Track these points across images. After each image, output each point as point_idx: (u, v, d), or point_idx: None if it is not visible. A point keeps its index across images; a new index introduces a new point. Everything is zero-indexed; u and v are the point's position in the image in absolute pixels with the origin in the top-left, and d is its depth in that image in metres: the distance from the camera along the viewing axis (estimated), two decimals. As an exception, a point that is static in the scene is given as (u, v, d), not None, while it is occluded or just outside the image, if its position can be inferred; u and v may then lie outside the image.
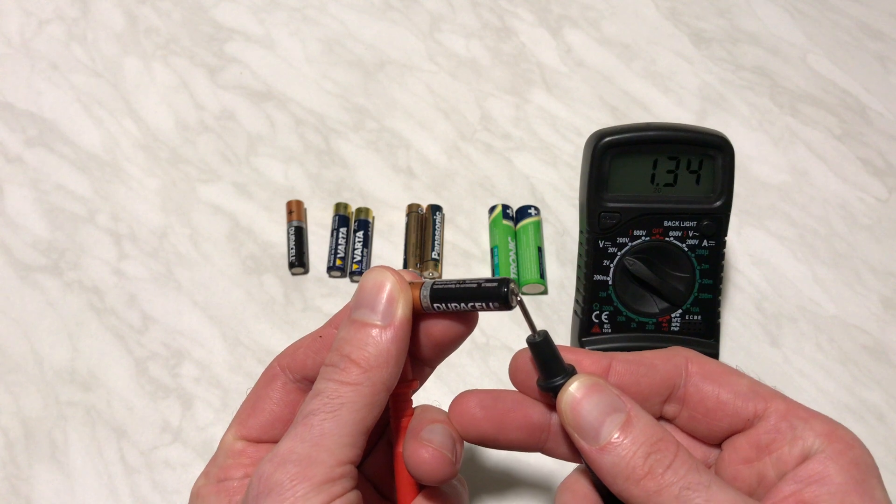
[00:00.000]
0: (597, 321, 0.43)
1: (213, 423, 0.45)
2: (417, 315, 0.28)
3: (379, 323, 0.27)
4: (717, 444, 0.28)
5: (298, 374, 0.30)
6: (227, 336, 0.48)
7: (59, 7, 0.63)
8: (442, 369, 0.47)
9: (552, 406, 0.28)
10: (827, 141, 0.57)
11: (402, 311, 0.27)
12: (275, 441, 0.29)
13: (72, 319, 0.48)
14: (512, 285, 0.26)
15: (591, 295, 0.43)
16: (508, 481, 0.44)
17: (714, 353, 0.43)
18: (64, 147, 0.56)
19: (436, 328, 0.29)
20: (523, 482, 0.44)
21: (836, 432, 0.25)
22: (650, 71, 0.60)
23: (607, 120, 0.58)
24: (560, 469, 0.44)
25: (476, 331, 0.48)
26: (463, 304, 0.27)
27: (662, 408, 0.28)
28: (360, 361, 0.26)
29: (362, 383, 0.26)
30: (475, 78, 0.60)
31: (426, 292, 0.27)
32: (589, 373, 0.27)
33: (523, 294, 0.50)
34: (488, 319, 0.49)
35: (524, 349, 0.28)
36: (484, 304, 0.27)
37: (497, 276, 0.27)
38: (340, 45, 0.61)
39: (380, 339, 0.27)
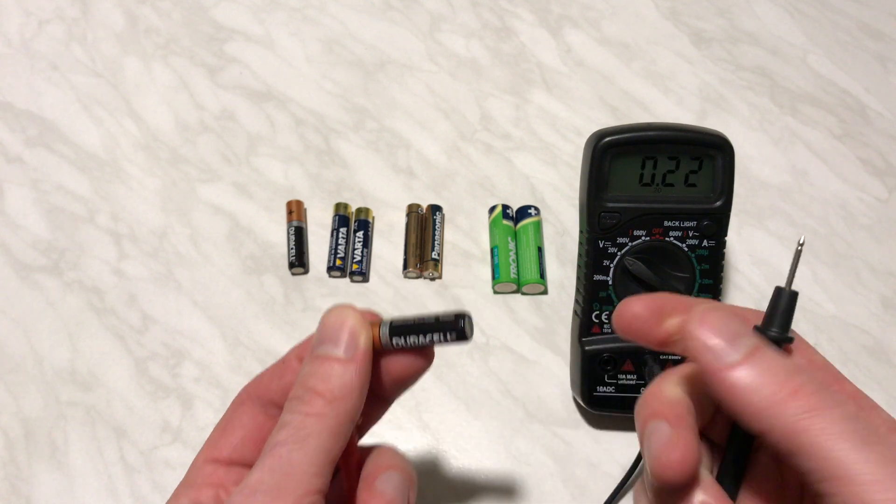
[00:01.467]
0: (597, 321, 0.43)
1: (213, 423, 0.45)
2: (377, 352, 0.29)
3: (342, 356, 0.28)
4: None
5: (264, 398, 0.31)
6: (227, 336, 0.48)
7: (59, 7, 0.63)
8: (442, 369, 0.47)
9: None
10: (827, 141, 0.57)
11: (363, 344, 0.28)
12: (244, 463, 0.30)
13: (72, 319, 0.48)
14: (468, 318, 0.28)
15: (591, 295, 0.43)
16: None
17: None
18: (64, 147, 0.56)
19: (395, 364, 0.30)
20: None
21: None
22: (650, 71, 0.60)
23: (607, 120, 0.58)
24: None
25: (476, 331, 0.48)
26: (421, 338, 0.29)
27: None
28: (325, 393, 0.27)
29: (327, 414, 0.27)
30: (475, 78, 0.60)
31: (385, 329, 0.29)
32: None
33: (523, 294, 0.50)
34: (485, 316, 0.49)
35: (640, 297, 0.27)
36: (441, 337, 0.28)
37: (454, 310, 0.29)
38: (340, 45, 0.61)
39: (343, 371, 0.28)
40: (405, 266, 0.50)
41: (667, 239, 0.42)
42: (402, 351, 0.29)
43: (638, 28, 0.63)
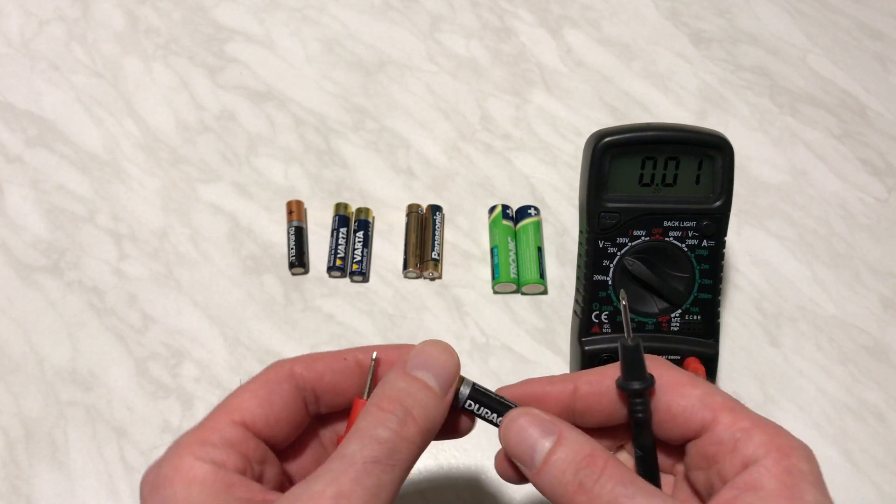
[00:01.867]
0: (596, 321, 0.43)
1: (213, 422, 0.45)
2: None
3: (438, 391, 0.28)
4: (682, 448, 0.29)
5: (310, 385, 0.30)
6: (227, 336, 0.48)
7: (59, 7, 0.63)
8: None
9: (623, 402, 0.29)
10: (826, 141, 0.57)
11: (453, 391, 0.28)
12: (272, 443, 0.28)
13: (72, 319, 0.48)
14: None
15: (590, 295, 0.43)
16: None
17: (713, 352, 0.43)
18: (64, 147, 0.56)
19: (450, 421, 0.30)
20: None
21: (775, 441, 0.26)
22: (650, 71, 0.60)
23: (607, 120, 0.58)
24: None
25: (476, 331, 0.48)
26: (490, 415, 0.29)
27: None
28: (421, 421, 0.27)
29: (418, 444, 0.27)
30: (475, 78, 0.60)
31: (465, 389, 0.29)
32: (554, 397, 0.30)
33: (523, 294, 0.50)
34: (485, 316, 0.49)
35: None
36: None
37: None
38: (340, 45, 0.61)
39: (437, 406, 0.28)
40: (405, 266, 0.50)
41: (666, 239, 0.42)
42: (463, 412, 0.30)
43: (638, 28, 0.63)
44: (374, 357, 0.30)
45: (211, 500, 0.25)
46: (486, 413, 0.29)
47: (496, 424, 0.29)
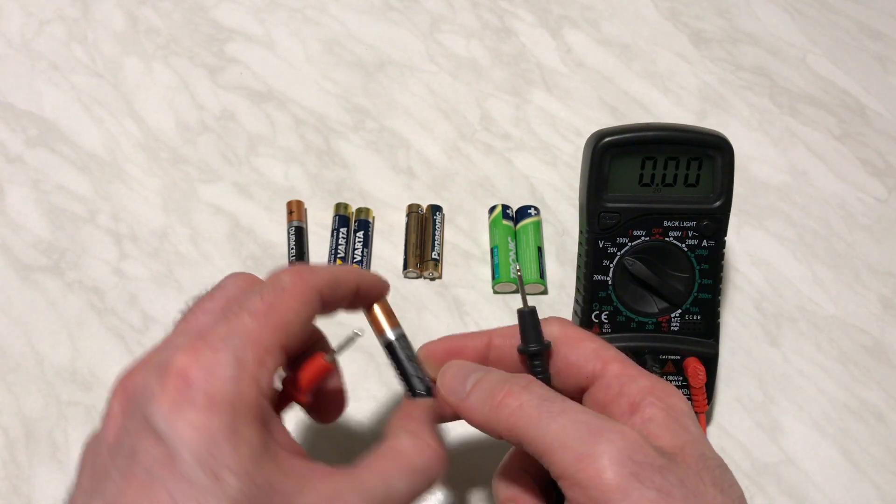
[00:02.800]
0: (596, 321, 0.43)
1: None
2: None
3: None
4: (579, 399, 0.32)
5: (326, 308, 0.31)
6: (228, 336, 0.48)
7: (59, 7, 0.63)
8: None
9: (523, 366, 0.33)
10: (826, 141, 0.57)
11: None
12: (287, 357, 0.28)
13: (72, 319, 0.48)
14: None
15: (590, 295, 0.43)
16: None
17: (713, 352, 0.43)
18: (64, 147, 0.56)
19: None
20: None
21: (656, 386, 0.29)
22: (650, 71, 0.60)
23: (607, 120, 0.58)
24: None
25: (472, 325, 0.48)
26: (409, 365, 0.33)
27: None
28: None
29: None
30: (475, 78, 0.60)
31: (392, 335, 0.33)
32: (472, 348, 0.33)
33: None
34: (486, 316, 0.49)
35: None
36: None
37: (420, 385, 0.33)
38: (340, 45, 0.61)
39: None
40: (405, 266, 0.50)
41: (666, 239, 0.42)
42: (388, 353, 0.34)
43: (637, 28, 0.63)
44: (356, 334, 0.32)
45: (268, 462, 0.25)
46: (404, 361, 0.33)
47: (407, 379, 0.33)
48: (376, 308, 0.34)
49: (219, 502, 0.23)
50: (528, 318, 0.32)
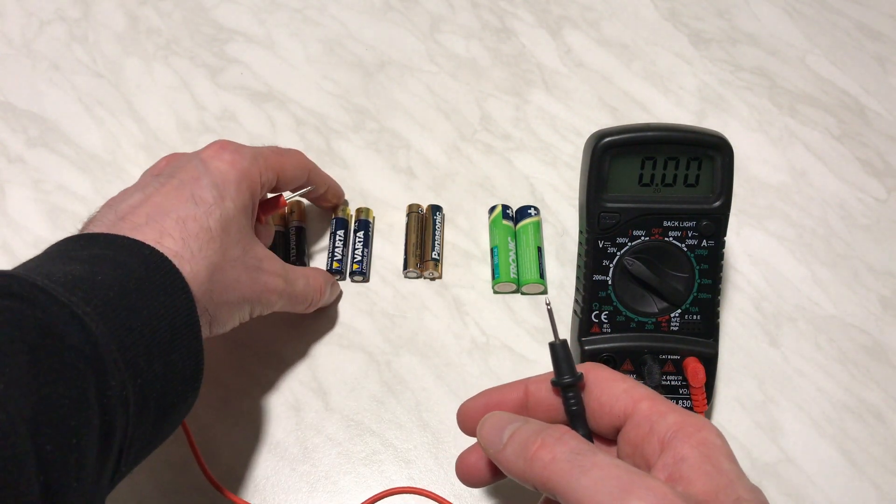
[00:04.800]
0: (596, 321, 0.43)
1: (213, 423, 0.45)
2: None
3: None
4: (613, 441, 0.32)
5: (280, 183, 0.45)
6: (228, 336, 0.48)
7: (60, 8, 0.63)
8: (442, 369, 0.47)
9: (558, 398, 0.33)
10: (826, 141, 0.57)
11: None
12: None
13: (73, 319, 0.48)
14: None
15: (590, 295, 0.43)
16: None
17: (713, 352, 0.43)
18: (65, 147, 0.56)
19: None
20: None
21: (687, 421, 0.29)
22: (649, 71, 0.60)
23: (607, 120, 0.58)
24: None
25: (476, 331, 0.48)
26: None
27: None
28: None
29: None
30: (475, 78, 0.60)
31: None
32: (511, 399, 0.34)
33: (523, 294, 0.50)
34: (485, 316, 0.49)
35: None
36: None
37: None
38: (341, 45, 0.62)
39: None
40: (405, 266, 0.50)
41: (666, 239, 0.42)
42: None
43: (637, 29, 0.63)
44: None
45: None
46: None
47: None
48: None
49: (216, 209, 0.38)
50: (560, 350, 0.32)
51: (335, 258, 0.50)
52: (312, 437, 0.45)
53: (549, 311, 0.34)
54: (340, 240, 0.51)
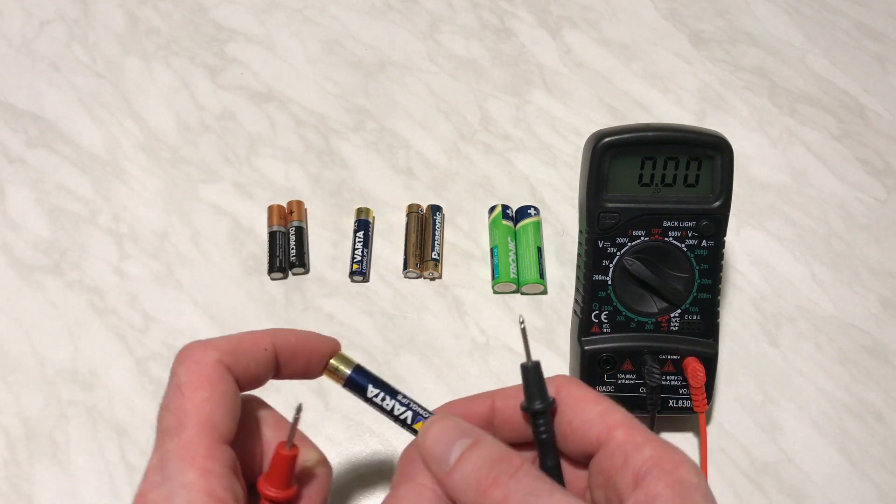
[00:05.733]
0: (596, 321, 0.43)
1: (213, 422, 0.45)
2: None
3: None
4: (585, 466, 0.29)
5: (236, 376, 0.29)
6: (228, 336, 0.48)
7: (60, 8, 0.63)
8: (442, 369, 0.47)
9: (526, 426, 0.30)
10: (826, 141, 0.57)
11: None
12: (231, 447, 0.28)
13: (73, 319, 0.48)
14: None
15: (590, 295, 0.43)
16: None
17: (713, 352, 0.43)
18: (65, 147, 0.56)
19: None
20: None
21: (664, 456, 0.26)
22: (649, 71, 0.60)
23: (607, 120, 0.58)
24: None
25: (476, 331, 0.48)
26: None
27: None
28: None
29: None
30: (475, 78, 0.60)
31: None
32: (475, 412, 0.30)
33: (523, 294, 0.50)
34: (485, 316, 0.49)
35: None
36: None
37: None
38: (341, 45, 0.61)
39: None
40: (405, 266, 0.50)
41: (666, 239, 0.42)
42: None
43: (637, 29, 0.63)
44: (299, 409, 0.29)
45: None
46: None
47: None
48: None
49: None
50: (531, 373, 0.30)
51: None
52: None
53: (523, 331, 0.31)
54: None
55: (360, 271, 0.50)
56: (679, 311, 0.43)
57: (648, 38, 0.62)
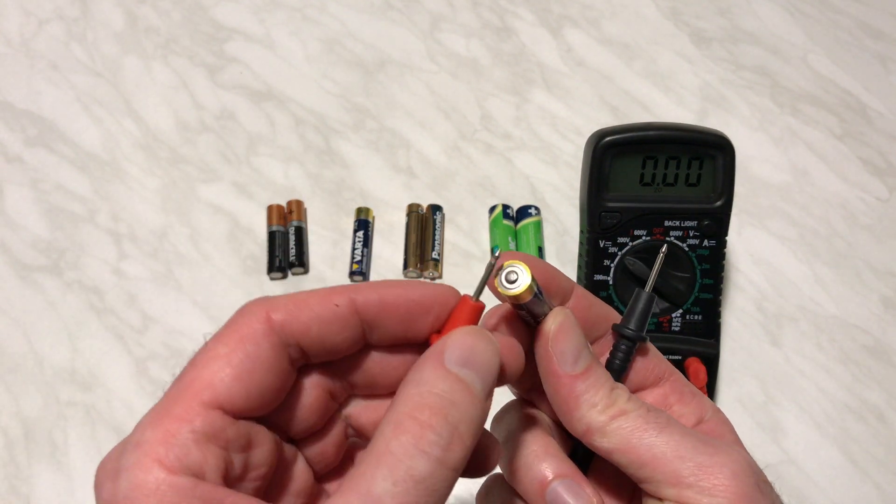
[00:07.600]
0: (597, 321, 0.43)
1: (213, 423, 0.45)
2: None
3: (483, 397, 0.23)
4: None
5: (294, 338, 0.24)
6: (228, 336, 0.48)
7: (58, 7, 0.63)
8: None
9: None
10: (827, 141, 0.57)
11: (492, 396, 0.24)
12: (256, 417, 0.23)
13: (72, 319, 0.48)
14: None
15: (591, 295, 0.43)
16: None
17: (714, 352, 0.43)
18: (64, 147, 0.55)
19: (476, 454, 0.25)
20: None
21: (716, 407, 0.30)
22: (651, 71, 0.60)
23: (608, 120, 0.58)
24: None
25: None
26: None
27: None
28: (467, 441, 0.22)
29: (458, 472, 0.21)
30: (475, 78, 0.60)
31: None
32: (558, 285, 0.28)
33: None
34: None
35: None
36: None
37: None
38: (340, 44, 0.61)
39: (483, 417, 0.23)
40: (405, 266, 0.50)
41: (667, 239, 0.42)
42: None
43: (638, 28, 0.63)
44: (496, 255, 0.25)
45: None
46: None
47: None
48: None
49: None
50: (646, 302, 0.28)
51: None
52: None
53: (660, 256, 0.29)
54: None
55: (359, 271, 0.50)
56: (681, 311, 0.43)
57: (649, 37, 0.62)
